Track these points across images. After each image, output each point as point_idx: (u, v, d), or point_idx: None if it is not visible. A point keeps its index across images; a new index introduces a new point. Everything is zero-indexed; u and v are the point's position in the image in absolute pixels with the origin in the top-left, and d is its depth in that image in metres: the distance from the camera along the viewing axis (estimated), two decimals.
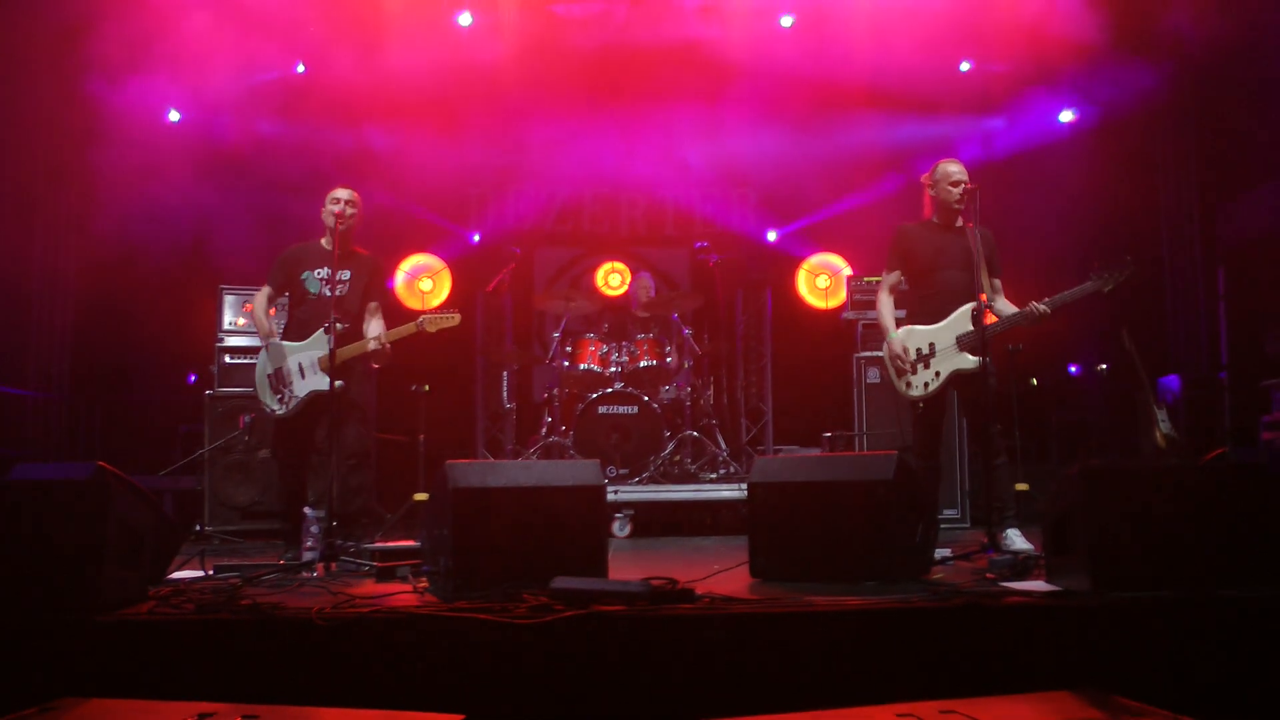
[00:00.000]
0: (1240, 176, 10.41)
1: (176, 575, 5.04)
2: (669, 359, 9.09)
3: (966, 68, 10.79)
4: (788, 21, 10.15)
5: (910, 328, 6.26)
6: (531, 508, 4.49)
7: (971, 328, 5.96)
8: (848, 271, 10.84)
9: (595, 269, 11.72)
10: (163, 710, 2.78)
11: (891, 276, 6.50)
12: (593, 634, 3.62)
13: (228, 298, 8.58)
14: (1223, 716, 2.64)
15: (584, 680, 3.59)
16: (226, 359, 8.41)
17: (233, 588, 4.41)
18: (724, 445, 9.13)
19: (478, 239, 11.70)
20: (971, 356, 5.93)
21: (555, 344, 9.19)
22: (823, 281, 11.69)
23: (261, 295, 6.65)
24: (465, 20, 9.94)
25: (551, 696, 3.56)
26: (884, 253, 6.53)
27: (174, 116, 10.27)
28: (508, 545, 4.41)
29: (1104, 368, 10.05)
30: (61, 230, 9.88)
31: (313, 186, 6.58)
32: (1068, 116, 10.97)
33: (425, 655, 3.62)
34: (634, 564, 5.85)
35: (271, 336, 6.45)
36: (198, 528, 7.84)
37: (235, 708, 2.78)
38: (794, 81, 10.44)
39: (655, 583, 4.02)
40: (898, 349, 6.21)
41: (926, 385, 6.12)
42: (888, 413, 8.31)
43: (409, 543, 5.57)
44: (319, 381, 6.17)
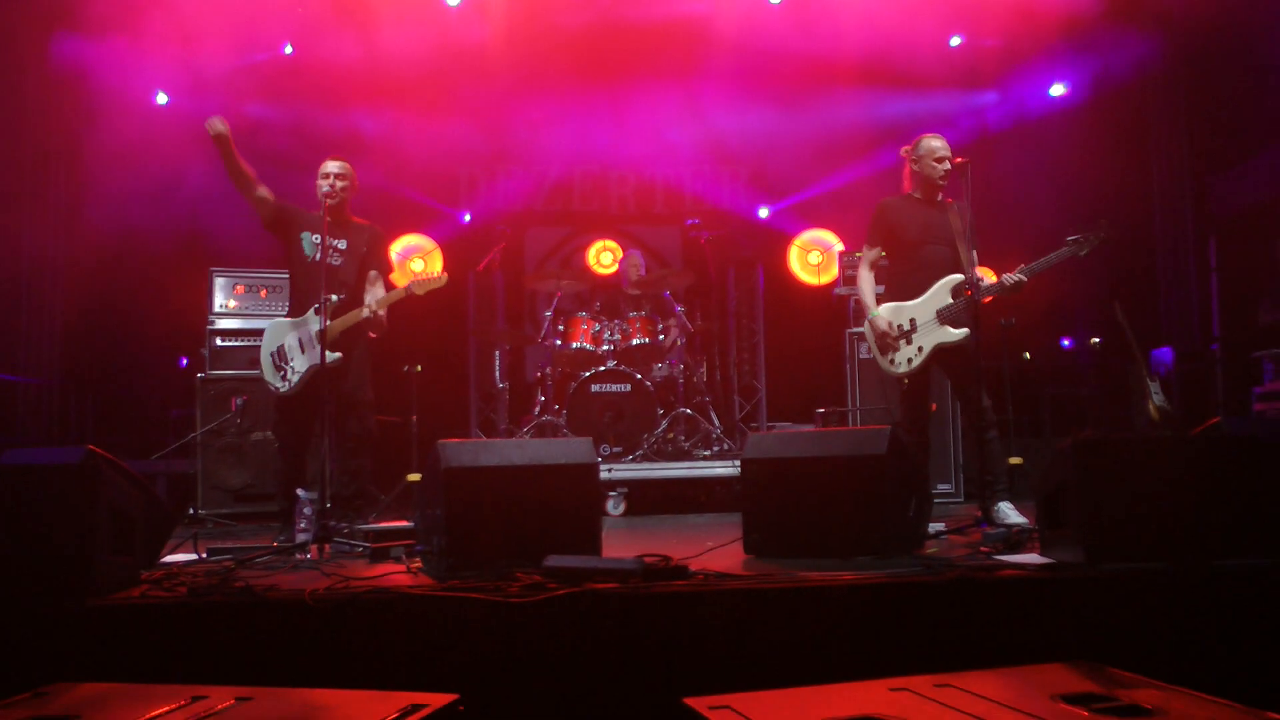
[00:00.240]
0: (1232, 149, 10.42)
1: (169, 559, 5.03)
2: (661, 337, 9.08)
3: (957, 42, 10.77)
4: None
5: (892, 304, 6.23)
6: (524, 486, 4.49)
7: (951, 301, 5.96)
8: (839, 247, 10.81)
9: (586, 247, 11.70)
10: (156, 694, 2.77)
11: (872, 253, 6.45)
12: (586, 612, 3.62)
13: (218, 280, 8.53)
14: (1216, 687, 2.64)
15: (578, 658, 3.59)
16: (218, 342, 8.37)
17: (226, 570, 4.41)
18: (717, 422, 9.13)
19: (468, 219, 11.69)
20: (953, 330, 5.92)
21: (547, 323, 9.17)
22: (814, 258, 11.67)
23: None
24: (453, 0, 9.89)
25: (545, 674, 3.56)
26: (870, 226, 6.49)
27: (162, 99, 10.23)
28: (501, 524, 4.40)
29: (1097, 341, 10.07)
30: (51, 215, 9.83)
31: (302, 168, 6.51)
32: (1059, 90, 10.96)
33: (419, 635, 3.62)
34: (628, 542, 5.85)
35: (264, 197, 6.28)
36: (191, 511, 7.83)
37: (229, 690, 2.76)
38: (784, 58, 10.42)
39: (649, 560, 4.02)
40: (882, 325, 6.18)
41: (910, 361, 6.10)
42: (880, 388, 8.31)
43: (402, 523, 5.56)
44: (318, 355, 6.02)
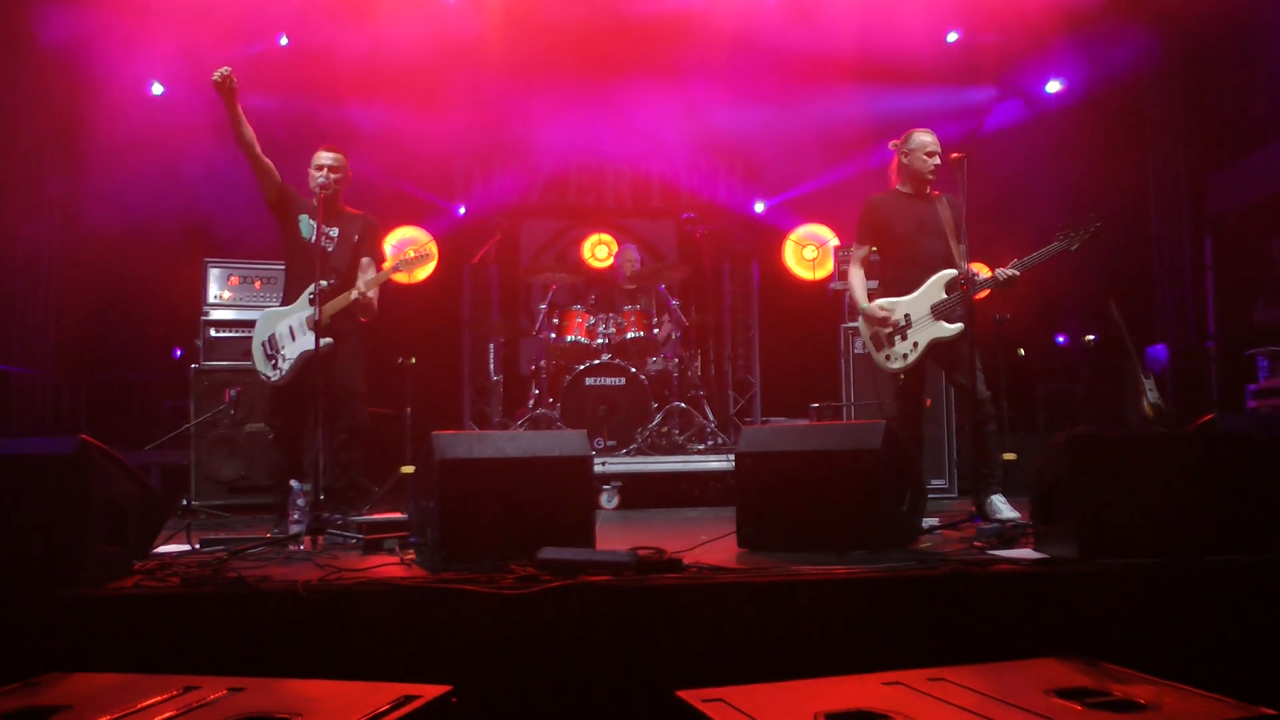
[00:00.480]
0: (1228, 147, 10.42)
1: (162, 549, 5.02)
2: (656, 330, 9.08)
3: (954, 38, 10.76)
4: None
5: (885, 300, 6.22)
6: (518, 479, 4.48)
7: (945, 295, 5.95)
8: (835, 242, 10.77)
9: (581, 241, 11.69)
10: (148, 683, 2.76)
11: (862, 250, 6.43)
12: (580, 604, 3.62)
13: (213, 271, 8.50)
14: (1210, 683, 2.64)
15: (571, 650, 3.58)
16: (212, 333, 8.35)
17: (219, 561, 4.40)
18: (711, 416, 9.13)
19: (463, 212, 11.67)
20: (948, 324, 5.92)
21: (542, 316, 9.17)
22: (810, 252, 11.66)
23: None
24: None
25: (539, 666, 3.56)
26: (859, 224, 6.48)
27: (157, 89, 10.21)
28: (495, 517, 4.40)
29: (1091, 338, 10.07)
30: (46, 206, 9.82)
31: (297, 160, 6.49)
32: (1055, 87, 10.96)
33: (412, 627, 3.61)
34: (621, 535, 5.83)
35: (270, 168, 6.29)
36: (184, 502, 7.82)
37: (221, 680, 2.76)
38: (780, 52, 10.42)
39: (643, 553, 4.02)
40: (877, 314, 6.18)
41: (905, 356, 6.10)
42: (875, 383, 8.30)
43: (396, 515, 5.55)
44: (308, 341, 6.02)
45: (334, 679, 2.83)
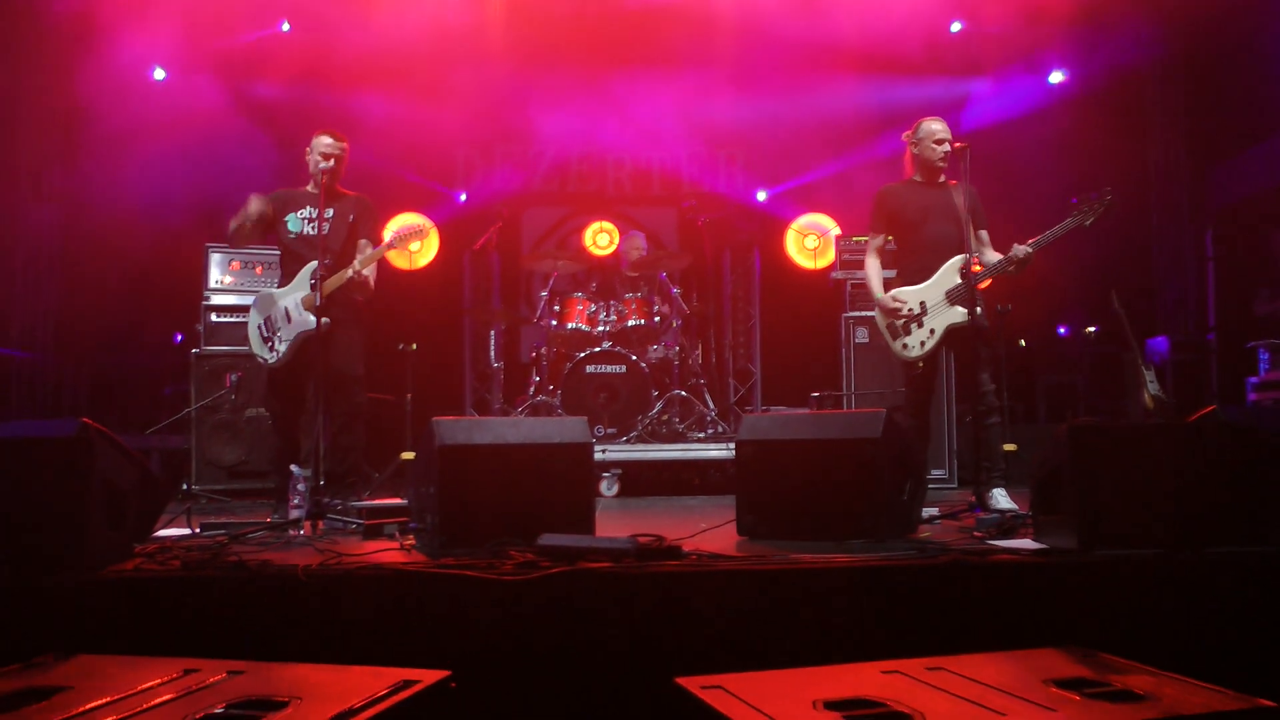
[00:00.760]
0: (1230, 139, 10.41)
1: (163, 533, 5.04)
2: (657, 318, 9.07)
3: (958, 28, 10.73)
4: None
5: (901, 289, 6.22)
6: (518, 465, 4.48)
7: (960, 281, 5.94)
8: (836, 231, 10.78)
9: (583, 229, 11.69)
10: (148, 666, 2.77)
11: (877, 239, 6.45)
12: (579, 590, 3.62)
13: (214, 256, 8.52)
14: (1208, 673, 2.65)
15: (571, 636, 3.59)
16: (213, 318, 8.36)
17: (219, 545, 4.40)
18: (712, 405, 9.13)
19: (464, 199, 11.66)
20: (963, 310, 5.90)
21: (543, 303, 9.17)
22: (811, 242, 11.65)
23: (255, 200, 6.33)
24: None
25: (538, 653, 3.56)
26: (872, 213, 6.49)
27: (159, 75, 10.19)
28: (495, 502, 4.40)
29: (1092, 330, 10.07)
30: (46, 190, 9.81)
31: (298, 145, 6.48)
32: (1057, 78, 10.94)
33: (411, 612, 3.61)
34: (621, 522, 5.83)
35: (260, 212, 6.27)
36: (184, 487, 7.83)
37: (221, 664, 2.77)
38: (783, 42, 10.38)
39: (642, 540, 4.01)
40: (889, 304, 6.18)
41: (923, 344, 6.09)
42: (876, 373, 8.32)
43: (396, 500, 5.56)
44: (305, 322, 6.02)
45: (333, 663, 2.83)
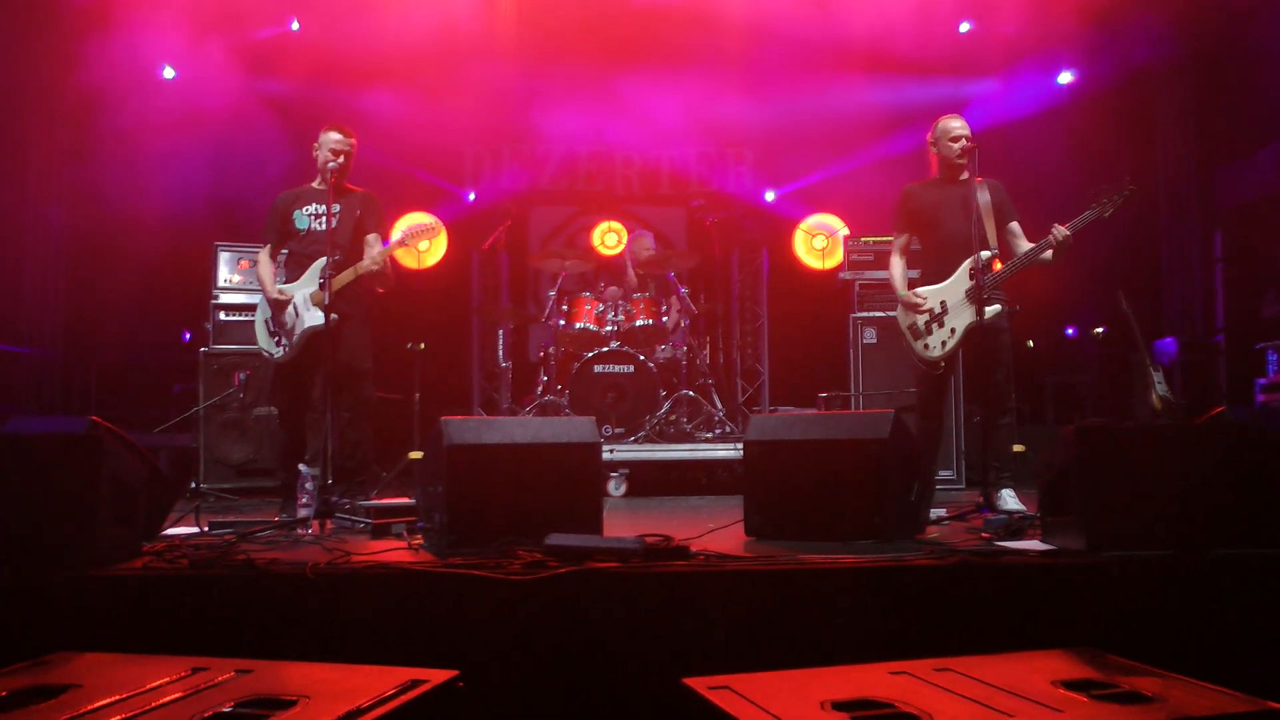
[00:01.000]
0: (1239, 140, 10.39)
1: (171, 531, 5.05)
2: (665, 318, 9.06)
3: (966, 28, 10.72)
4: None
5: (922, 288, 6.19)
6: (527, 464, 4.48)
7: (984, 279, 5.87)
8: (845, 232, 10.79)
9: (591, 228, 11.69)
10: (156, 664, 2.77)
11: (901, 239, 6.42)
12: (587, 590, 3.62)
13: (223, 254, 8.53)
14: (1216, 675, 2.64)
15: (578, 636, 3.59)
16: (221, 316, 8.38)
17: (227, 544, 4.41)
18: (720, 405, 9.13)
19: (473, 198, 11.67)
20: (987, 308, 5.83)
21: (551, 303, 9.16)
22: (819, 242, 11.65)
23: (262, 255, 6.39)
24: None
25: (545, 652, 3.56)
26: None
27: (169, 73, 10.21)
28: (503, 502, 4.40)
29: (1100, 330, 10.05)
30: (55, 187, 9.83)
31: (308, 144, 6.49)
32: (1066, 78, 10.92)
33: (419, 611, 3.62)
34: (629, 522, 5.83)
35: (280, 296, 6.22)
36: (193, 485, 7.84)
37: (229, 662, 2.77)
38: (792, 42, 10.38)
39: (650, 540, 4.02)
40: (911, 300, 6.15)
41: (944, 344, 6.04)
42: (884, 373, 8.30)
43: (404, 500, 5.56)
44: (313, 317, 6.03)
45: (341, 662, 2.83)
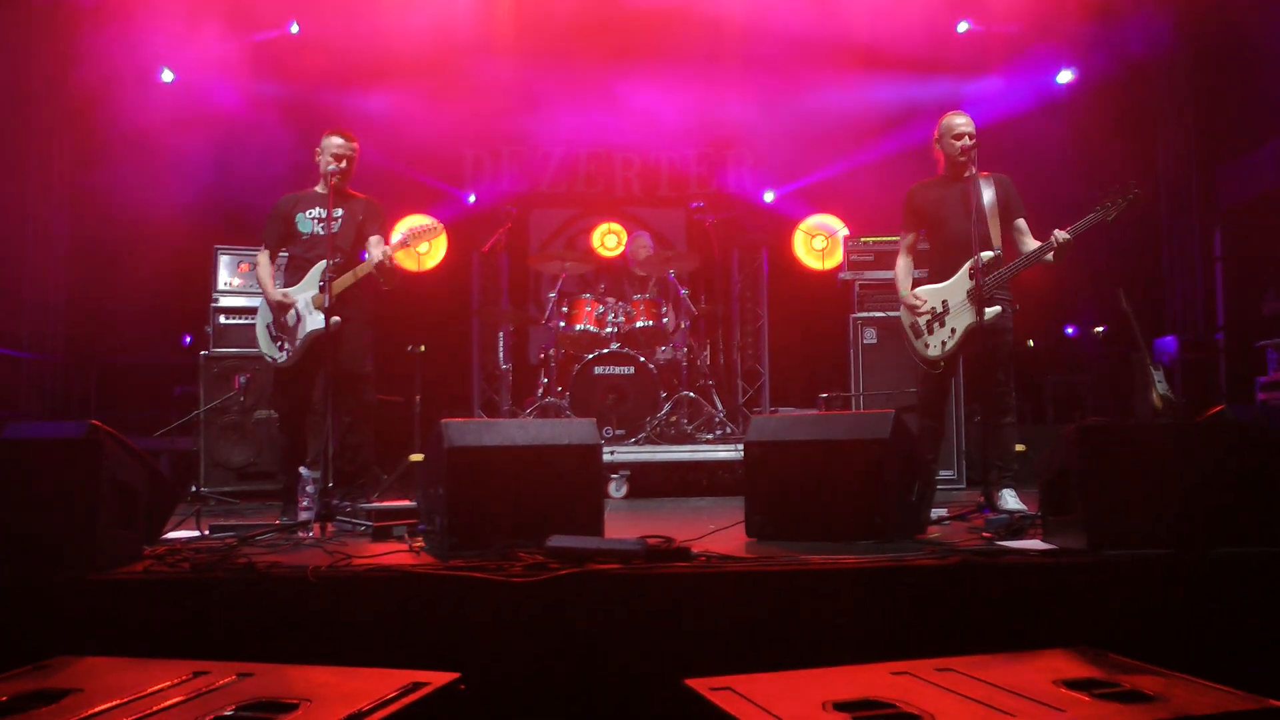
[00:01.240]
0: (1239, 138, 10.39)
1: (172, 535, 5.05)
2: (665, 319, 9.05)
3: (965, 28, 10.71)
4: None
5: (923, 287, 6.18)
6: (528, 467, 4.48)
7: (984, 280, 5.85)
8: (844, 232, 10.78)
9: (591, 229, 11.69)
10: (158, 669, 2.77)
11: (908, 238, 6.40)
12: (588, 592, 3.62)
13: (223, 258, 8.52)
14: (1218, 674, 2.64)
15: (579, 638, 3.59)
16: (222, 319, 8.37)
17: (228, 547, 4.40)
18: (720, 406, 9.12)
19: (473, 200, 11.67)
20: (988, 309, 5.81)
21: (551, 304, 9.16)
22: (819, 242, 11.66)
23: (262, 257, 6.33)
24: None
25: (547, 654, 3.56)
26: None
27: (168, 76, 10.21)
28: (503, 504, 4.40)
29: (1101, 329, 10.05)
30: (55, 191, 9.84)
31: (307, 146, 6.49)
32: (1066, 77, 10.91)
33: (421, 614, 3.62)
34: (630, 523, 5.84)
35: (284, 299, 6.18)
36: (193, 488, 7.84)
37: (230, 666, 2.77)
38: (791, 41, 10.38)
39: (651, 541, 4.02)
40: (911, 301, 6.15)
41: (944, 344, 6.02)
42: (884, 374, 8.29)
43: (405, 502, 5.56)
44: (315, 321, 5.99)
45: (342, 665, 2.83)
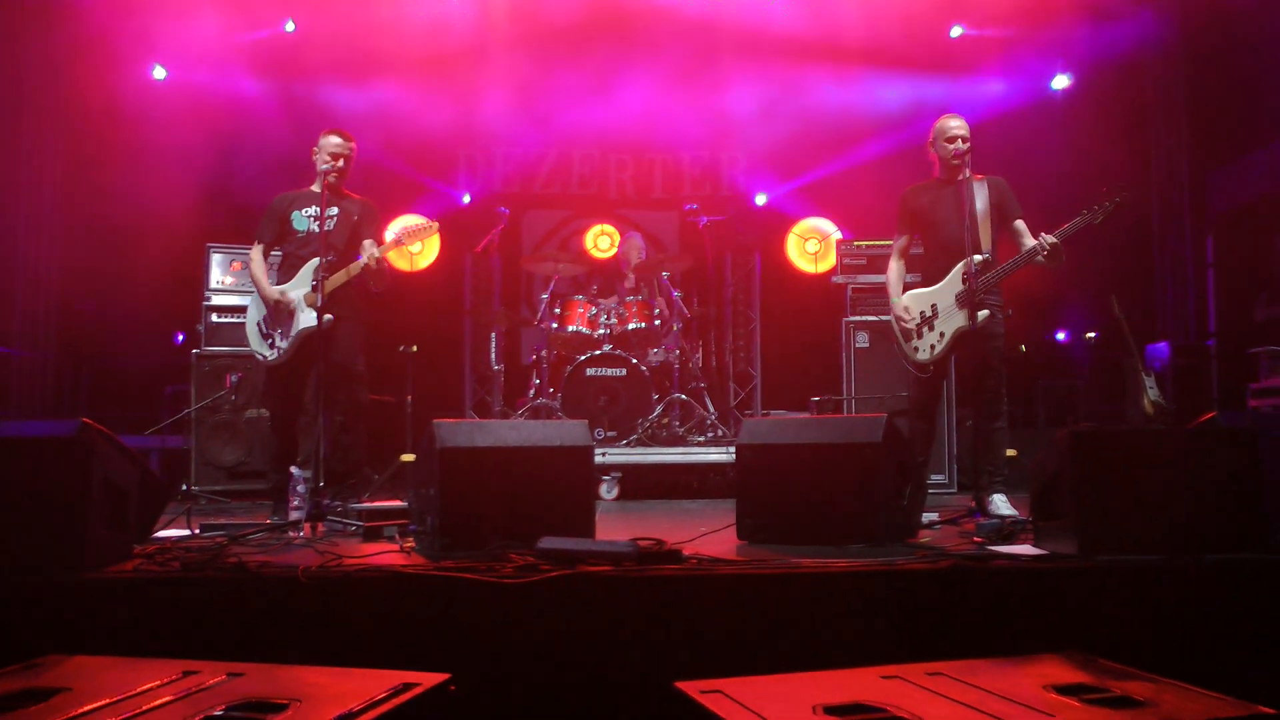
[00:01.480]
0: (1230, 145, 10.42)
1: (162, 534, 5.03)
2: (658, 321, 9.05)
3: (959, 32, 10.73)
4: None
5: (913, 291, 6.19)
6: (519, 468, 4.48)
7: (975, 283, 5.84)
8: (837, 235, 10.80)
9: (584, 231, 11.70)
10: (147, 668, 2.76)
11: (900, 241, 6.40)
12: (579, 594, 3.62)
13: (215, 256, 8.51)
14: (1208, 680, 2.65)
15: (570, 640, 3.59)
16: (214, 318, 8.36)
17: (219, 546, 4.40)
18: (712, 409, 9.12)
19: (467, 200, 11.66)
20: (977, 313, 5.80)
21: (544, 305, 9.16)
22: (812, 246, 11.67)
23: (255, 254, 6.30)
24: None
25: (538, 656, 3.56)
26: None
27: (160, 73, 10.19)
28: (495, 505, 4.40)
29: (1092, 335, 10.07)
30: (48, 188, 9.81)
31: (300, 144, 6.48)
32: (1062, 82, 10.91)
33: (411, 614, 3.61)
34: (621, 525, 5.83)
35: (278, 296, 6.13)
36: (184, 487, 7.82)
37: (220, 665, 2.76)
38: (784, 44, 10.39)
39: (642, 544, 4.02)
40: (898, 311, 6.16)
41: (933, 348, 6.02)
42: (876, 377, 8.29)
43: (396, 503, 5.55)
44: (307, 319, 5.97)
45: (333, 665, 2.83)
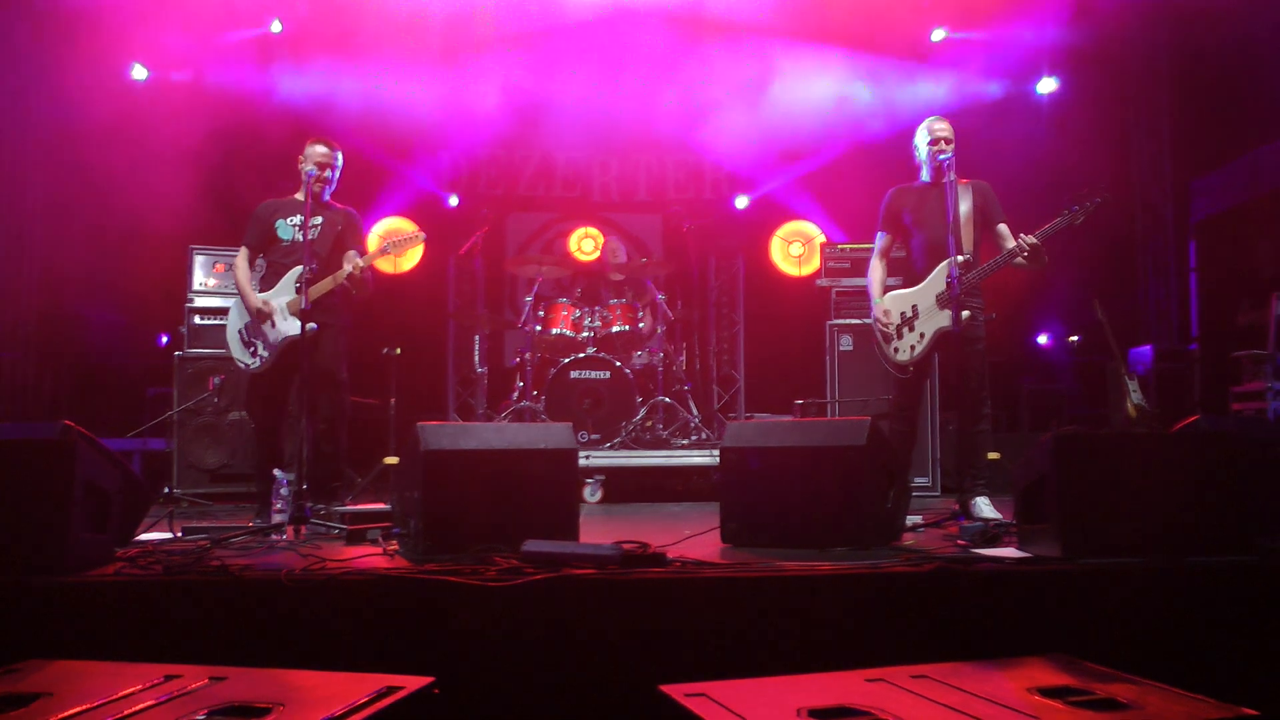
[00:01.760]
0: (1212, 152, 10.48)
1: (144, 537, 5.01)
2: (642, 324, 9.06)
3: (941, 35, 10.75)
4: None
5: (894, 292, 6.20)
6: (503, 471, 4.47)
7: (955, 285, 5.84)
8: (821, 239, 10.82)
9: (568, 234, 11.70)
10: (130, 672, 2.75)
11: (881, 241, 6.40)
12: (563, 597, 3.61)
13: (198, 258, 8.49)
14: (1191, 682, 2.65)
15: (554, 643, 3.58)
16: (196, 320, 8.33)
17: (201, 549, 4.38)
18: (696, 411, 9.12)
19: (455, 202, 11.64)
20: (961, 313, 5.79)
21: (528, 308, 9.15)
22: (796, 249, 11.69)
23: (240, 260, 6.29)
24: None
25: (522, 659, 3.55)
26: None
27: (141, 74, 10.16)
28: (479, 508, 4.39)
29: (1076, 339, 10.11)
30: (28, 190, 9.76)
31: (284, 145, 6.46)
32: (1049, 86, 10.94)
33: (395, 618, 3.60)
34: (605, 528, 5.83)
35: (260, 305, 6.11)
36: (166, 490, 7.79)
37: (203, 669, 2.75)
38: (769, 47, 10.41)
39: (627, 546, 4.02)
40: (878, 313, 6.16)
41: (913, 349, 6.03)
42: (860, 380, 8.30)
43: (379, 505, 5.53)
44: (290, 327, 5.98)
45: (316, 669, 2.82)
